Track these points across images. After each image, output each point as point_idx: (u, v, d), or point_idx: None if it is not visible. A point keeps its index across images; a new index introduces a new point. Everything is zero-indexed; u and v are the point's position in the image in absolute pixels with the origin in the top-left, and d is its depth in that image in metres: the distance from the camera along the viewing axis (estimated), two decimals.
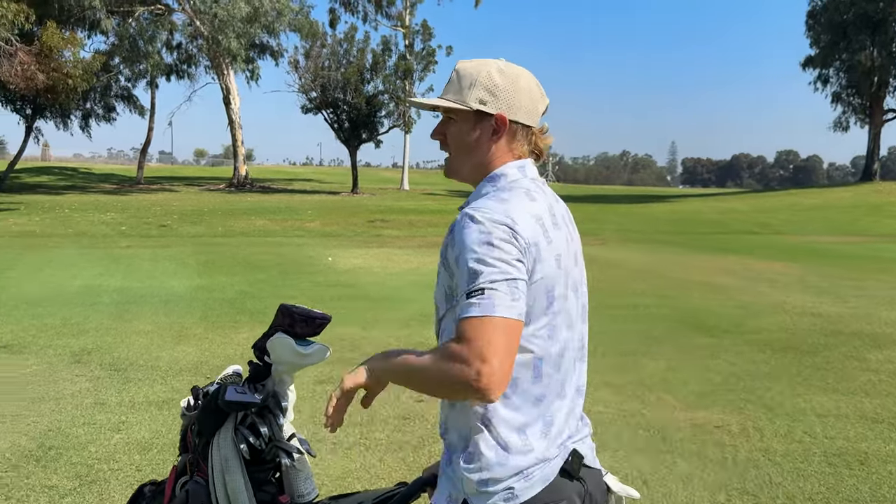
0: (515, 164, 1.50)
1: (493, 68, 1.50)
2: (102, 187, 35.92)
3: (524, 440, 1.41)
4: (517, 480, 1.40)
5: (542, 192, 1.49)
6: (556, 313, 1.43)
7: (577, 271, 1.53)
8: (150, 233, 17.03)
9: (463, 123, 1.50)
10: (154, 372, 5.72)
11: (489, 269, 1.31)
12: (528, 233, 1.37)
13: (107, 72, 32.48)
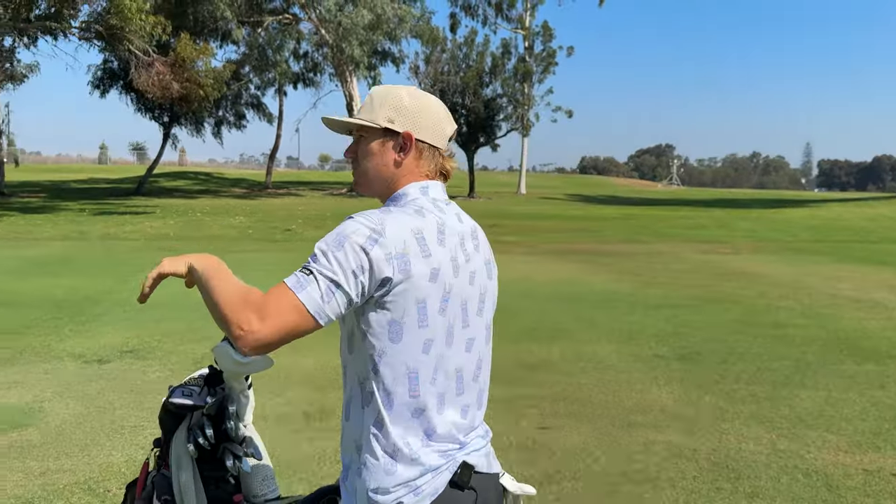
0: (419, 185, 1.58)
1: (403, 92, 1.62)
2: (233, 191, 37.57)
3: (409, 450, 1.47)
4: (406, 494, 1.46)
5: (439, 211, 1.55)
6: (432, 328, 1.48)
7: (474, 290, 1.57)
8: (275, 237, 17.46)
9: (373, 141, 1.59)
10: (272, 382, 5.61)
11: (327, 260, 1.40)
12: (394, 242, 1.43)
13: (237, 80, 33.91)
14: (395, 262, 1.42)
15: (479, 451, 1.59)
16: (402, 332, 1.45)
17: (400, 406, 1.47)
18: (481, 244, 1.63)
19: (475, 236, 1.62)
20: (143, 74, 21.55)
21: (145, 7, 21.05)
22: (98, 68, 34.24)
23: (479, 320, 1.59)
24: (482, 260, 1.62)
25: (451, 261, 1.52)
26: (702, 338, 7.33)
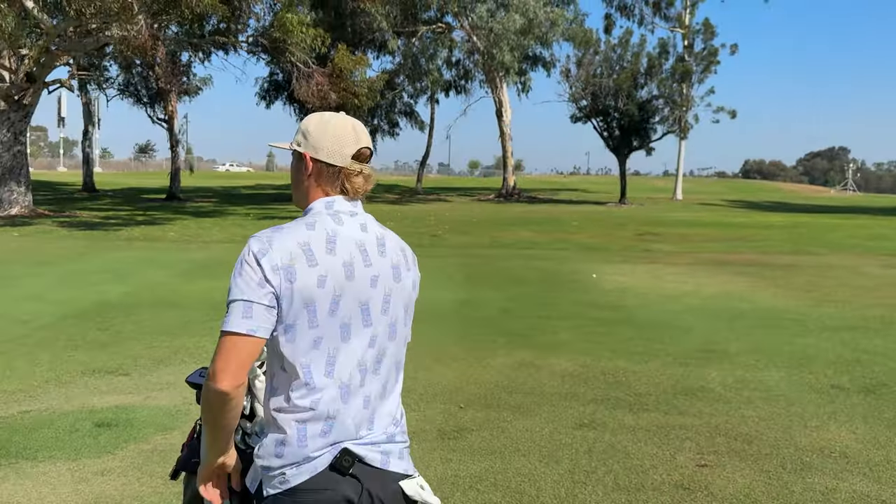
0: (324, 201, 1.76)
1: (314, 119, 1.80)
2: (387, 197, 38.60)
3: (301, 436, 1.65)
4: (289, 468, 1.65)
5: (336, 223, 1.72)
6: (323, 327, 1.66)
7: (377, 292, 1.73)
8: (423, 242, 17.59)
9: (293, 161, 1.82)
10: (409, 395, 5.45)
11: (234, 288, 1.63)
12: (281, 255, 1.63)
13: (391, 89, 34.80)
14: (282, 273, 1.63)
15: (375, 447, 1.73)
16: (297, 333, 1.65)
17: (298, 397, 1.66)
18: (388, 250, 1.79)
19: (382, 244, 1.78)
20: (303, 85, 22.52)
21: (306, 20, 21.99)
22: (264, 80, 36.38)
23: (383, 318, 1.76)
24: (388, 264, 1.78)
25: (344, 266, 1.70)
26: (890, 367, 6.43)
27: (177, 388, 5.63)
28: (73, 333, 7.35)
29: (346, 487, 1.67)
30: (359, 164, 1.78)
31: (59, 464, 4.15)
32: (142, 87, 35.14)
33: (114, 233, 18.63)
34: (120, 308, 8.72)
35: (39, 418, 4.87)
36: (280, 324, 1.64)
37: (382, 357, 1.77)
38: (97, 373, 6.01)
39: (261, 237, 1.67)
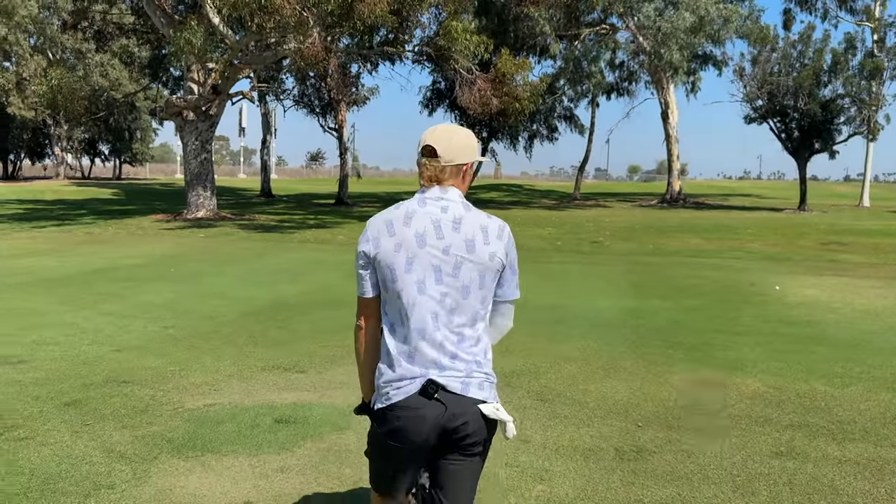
0: (421, 189, 2.35)
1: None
2: (543, 203, 38.25)
3: (398, 364, 2.26)
4: (391, 389, 2.25)
5: (420, 205, 2.30)
6: (401, 282, 2.23)
7: (449, 259, 2.24)
8: (583, 249, 17.16)
9: None
10: (581, 409, 5.19)
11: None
12: (372, 231, 2.32)
13: (552, 93, 34.42)
14: (371, 243, 2.29)
15: (455, 378, 2.22)
16: (386, 286, 2.27)
17: (395, 335, 2.27)
18: (464, 228, 2.26)
19: (458, 222, 2.26)
20: (465, 92, 22.72)
21: (470, 27, 22.17)
22: (427, 89, 37.21)
23: (453, 280, 2.23)
24: (462, 239, 2.25)
25: (416, 236, 2.23)
26: None
27: (349, 387, 5.69)
28: (253, 331, 7.70)
29: (431, 409, 2.21)
30: (424, 159, 2.33)
31: (241, 458, 4.26)
32: (314, 98, 37.03)
33: (288, 235, 19.65)
34: (296, 307, 9.07)
35: (223, 412, 5.07)
36: (380, 279, 2.29)
37: (455, 310, 2.26)
38: (276, 369, 6.22)
39: (368, 222, 2.37)
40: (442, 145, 2.32)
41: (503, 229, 2.37)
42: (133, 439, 4.51)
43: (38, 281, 10.95)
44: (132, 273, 12.02)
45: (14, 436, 4.48)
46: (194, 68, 23.41)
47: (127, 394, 5.43)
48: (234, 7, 17.57)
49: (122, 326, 7.80)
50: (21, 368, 6.02)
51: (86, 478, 3.92)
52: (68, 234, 19.56)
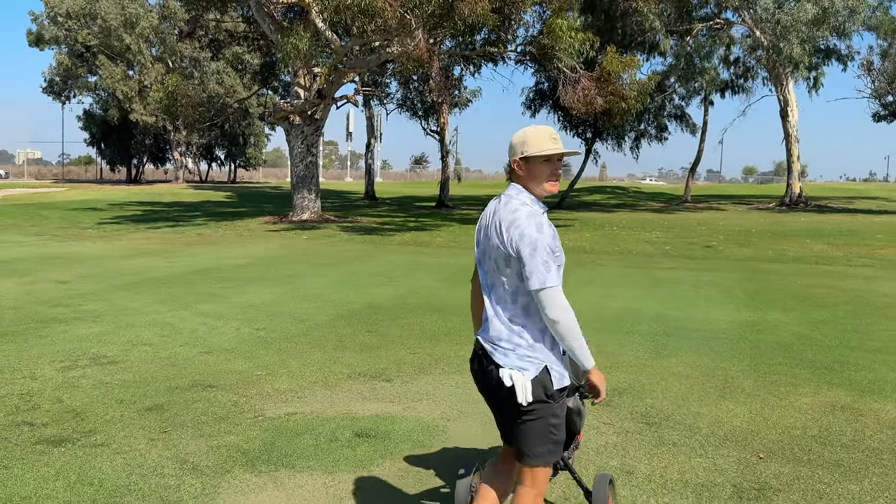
0: None
1: None
2: (650, 206, 36.91)
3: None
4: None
5: (495, 203, 2.74)
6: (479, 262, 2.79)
7: (484, 247, 2.73)
8: (695, 254, 16.20)
9: None
10: (693, 436, 4.62)
11: None
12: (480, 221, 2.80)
13: (661, 92, 33.11)
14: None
15: (487, 342, 2.72)
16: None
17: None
18: (493, 219, 2.69)
19: (494, 213, 2.71)
20: (569, 91, 22.04)
21: (575, 25, 21.50)
22: (530, 90, 36.62)
23: (488, 263, 2.70)
24: (491, 228, 2.68)
25: (477, 227, 2.81)
26: None
27: (435, 399, 5.34)
28: (343, 334, 7.48)
29: (475, 362, 2.78)
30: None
31: (316, 476, 3.97)
32: (417, 101, 37.17)
33: (388, 237, 19.62)
34: (388, 311, 8.83)
35: (303, 422, 4.82)
36: None
37: (491, 289, 2.71)
38: (362, 377, 5.95)
39: None
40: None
41: (512, 223, 2.60)
42: (208, 449, 4.31)
43: (144, 281, 11.22)
44: (234, 273, 12.16)
45: (91, 441, 4.37)
46: (301, 73, 23.83)
47: (210, 399, 5.28)
48: (336, 11, 17.68)
49: (216, 328, 7.77)
50: (111, 370, 6.00)
51: (154, 491, 3.72)
52: (180, 235, 20.26)
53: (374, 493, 3.79)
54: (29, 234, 20.28)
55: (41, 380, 5.63)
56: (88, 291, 10.04)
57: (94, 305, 8.96)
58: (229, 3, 24.89)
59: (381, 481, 3.92)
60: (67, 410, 4.92)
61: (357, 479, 3.94)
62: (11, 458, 4.06)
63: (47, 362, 6.16)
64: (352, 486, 3.86)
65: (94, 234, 20.39)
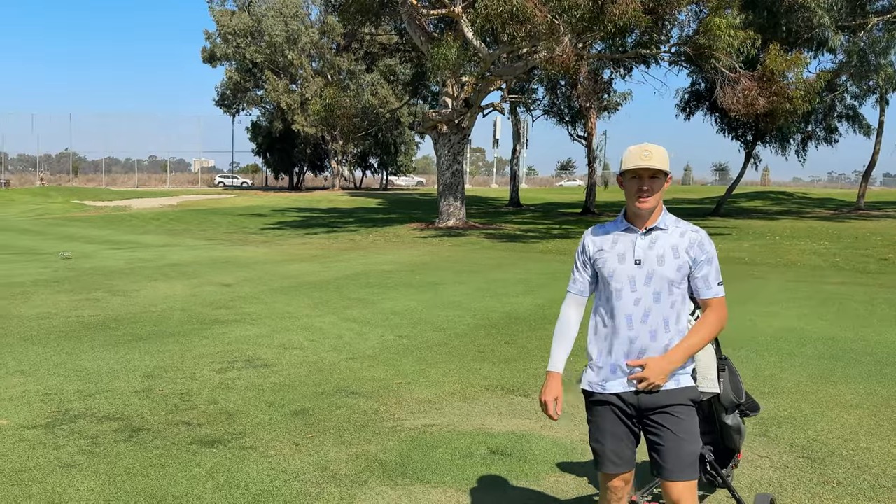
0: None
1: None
2: (818, 213, 34.33)
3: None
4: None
5: None
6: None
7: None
8: (868, 267, 14.83)
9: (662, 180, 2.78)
10: (861, 475, 4.17)
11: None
12: None
13: (831, 91, 30.75)
14: None
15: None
16: None
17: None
18: None
19: None
20: (727, 92, 20.91)
21: (735, 23, 20.38)
22: (685, 91, 35.15)
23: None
24: None
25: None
26: None
27: (574, 419, 5.16)
28: (483, 345, 7.45)
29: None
30: None
31: (450, 493, 3.93)
32: (564, 107, 36.73)
33: (530, 245, 19.47)
34: (527, 321, 8.71)
35: (440, 435, 4.81)
36: None
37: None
38: (499, 390, 5.88)
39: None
40: None
41: None
42: (348, 458, 4.39)
43: (300, 285, 11.76)
44: (381, 279, 12.49)
45: (240, 444, 4.58)
46: (449, 83, 24.20)
47: (352, 406, 5.40)
48: (488, 19, 17.77)
49: (362, 333, 7.98)
50: (263, 372, 6.29)
51: (295, 498, 3.82)
52: (334, 241, 21.14)
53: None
54: (200, 238, 21.91)
55: (200, 380, 5.99)
56: (248, 294, 10.64)
57: (252, 308, 9.48)
58: (383, 17, 25.71)
59: (518, 503, 3.82)
60: (221, 412, 5.20)
61: (493, 500, 3.86)
62: (168, 456, 4.33)
63: (207, 363, 6.56)
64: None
65: (258, 239, 21.70)
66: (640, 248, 2.77)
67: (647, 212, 2.76)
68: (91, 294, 10.42)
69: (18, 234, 22.25)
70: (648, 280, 2.74)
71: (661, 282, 2.74)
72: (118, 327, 8.07)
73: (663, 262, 2.74)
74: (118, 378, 5.99)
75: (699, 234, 2.79)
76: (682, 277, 2.76)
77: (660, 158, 2.72)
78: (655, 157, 2.71)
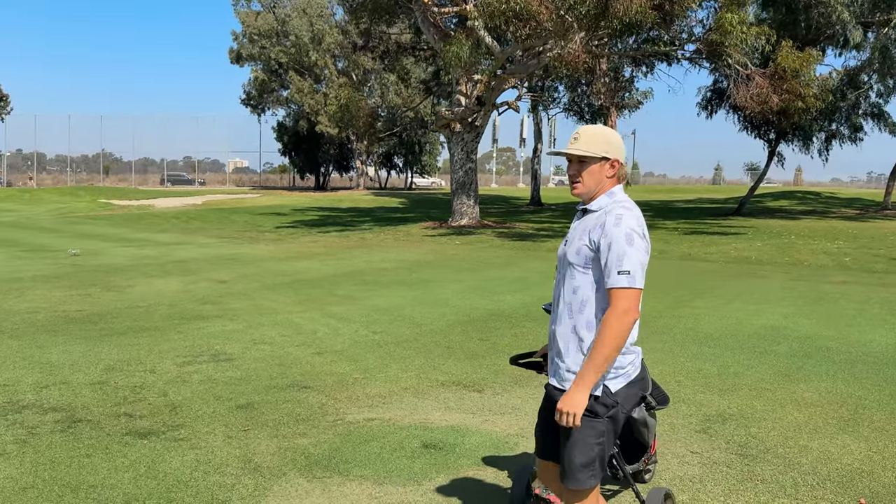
0: (619, 188, 2.70)
1: (609, 131, 2.72)
2: (843, 213, 33.65)
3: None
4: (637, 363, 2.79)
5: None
6: None
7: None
8: (875, 267, 14.49)
9: (597, 165, 2.67)
10: (788, 472, 4.09)
11: (635, 256, 2.55)
12: (644, 227, 2.70)
13: (855, 89, 30.12)
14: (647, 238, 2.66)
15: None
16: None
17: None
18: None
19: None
20: (741, 90, 20.58)
21: (747, 19, 20.07)
22: (707, 89, 34.69)
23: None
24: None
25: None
26: None
27: (520, 413, 5.16)
28: (453, 341, 7.45)
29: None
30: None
31: (365, 485, 3.94)
32: (584, 105, 36.47)
33: (540, 244, 19.38)
34: (508, 318, 8.68)
35: (377, 429, 4.82)
36: None
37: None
38: (455, 385, 5.87)
39: (633, 215, 2.59)
40: None
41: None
42: (276, 451, 4.42)
43: (293, 282, 11.84)
44: (376, 277, 12.53)
45: (174, 436, 4.63)
46: (462, 81, 24.18)
47: (300, 400, 5.43)
48: (491, 17, 17.72)
49: (336, 329, 8.02)
50: (223, 367, 6.36)
51: (208, 489, 3.86)
52: (344, 239, 21.25)
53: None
54: (212, 236, 22.18)
55: (158, 373, 6.07)
56: (239, 291, 10.76)
57: (238, 304, 9.58)
58: (397, 15, 25.78)
59: (427, 497, 3.82)
60: (167, 404, 5.26)
61: (404, 493, 3.86)
62: (98, 447, 4.40)
63: (171, 357, 6.64)
64: (397, 499, 3.79)
65: (269, 238, 21.90)
66: (571, 229, 2.76)
67: (583, 197, 2.68)
68: (85, 290, 10.61)
69: (36, 232, 22.74)
70: (561, 262, 2.74)
71: (564, 264, 2.70)
72: (98, 322, 8.21)
73: (571, 244, 2.67)
74: (79, 371, 6.09)
75: (609, 216, 2.57)
76: (584, 261, 2.60)
77: (588, 142, 2.62)
78: (582, 141, 2.63)
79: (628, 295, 2.48)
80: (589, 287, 2.60)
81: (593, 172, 2.63)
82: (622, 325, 2.47)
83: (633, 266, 2.48)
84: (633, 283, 2.48)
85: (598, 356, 2.48)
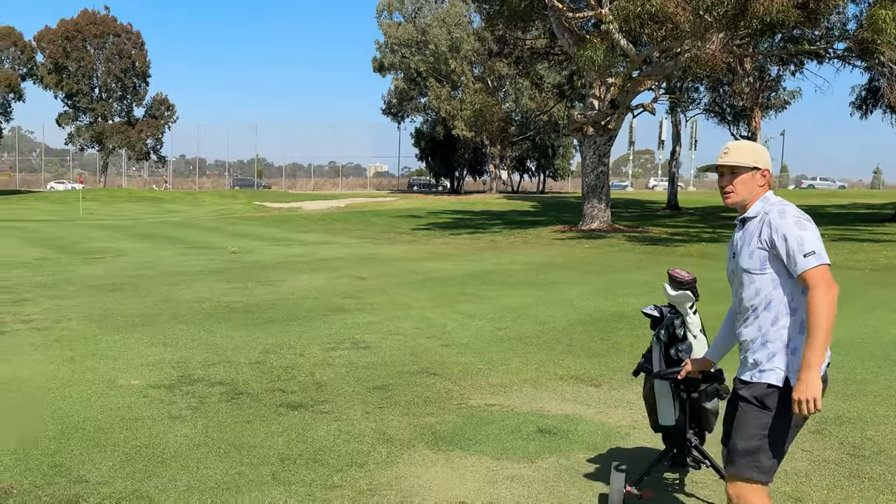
0: (771, 192, 2.94)
1: (757, 145, 3.00)
2: None
3: None
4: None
5: None
6: None
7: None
8: None
9: (749, 174, 2.92)
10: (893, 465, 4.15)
11: (814, 237, 2.74)
12: None
13: None
14: None
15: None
16: None
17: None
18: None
19: None
20: (894, 89, 19.39)
21: None
22: (862, 88, 32.64)
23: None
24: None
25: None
26: None
27: (633, 407, 5.42)
28: (575, 339, 7.75)
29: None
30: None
31: (484, 460, 4.38)
32: (726, 106, 35.28)
33: (672, 248, 19.11)
34: (630, 320, 8.85)
35: (497, 413, 5.25)
36: None
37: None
38: (572, 379, 6.20)
39: (793, 206, 2.81)
40: None
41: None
42: (407, 426, 4.95)
43: (426, 280, 12.50)
44: (504, 278, 12.97)
45: (320, 409, 5.27)
46: (596, 84, 24.21)
47: (429, 385, 5.96)
48: (626, 20, 17.73)
49: (464, 324, 8.52)
50: (363, 353, 7.01)
51: (348, 454, 4.43)
52: (475, 241, 21.85)
53: (527, 481, 4.09)
54: (354, 237, 23.44)
55: (306, 356, 6.80)
56: (377, 287, 11.52)
57: (376, 299, 10.31)
58: (531, 21, 26.14)
59: (541, 473, 4.20)
60: (314, 383, 5.94)
61: (519, 468, 4.26)
62: (256, 415, 5.11)
63: (317, 343, 7.38)
64: (511, 472, 4.20)
65: (406, 239, 22.87)
66: (732, 242, 2.99)
67: (737, 206, 2.91)
68: (243, 283, 11.74)
69: (200, 231, 24.91)
70: (734, 275, 2.96)
71: (738, 274, 2.89)
72: (255, 311, 9.16)
73: (741, 253, 2.87)
74: (240, 352, 6.93)
75: (771, 214, 2.79)
76: (760, 263, 2.78)
77: (738, 154, 2.87)
78: (732, 154, 2.88)
79: (822, 272, 2.63)
80: (770, 286, 2.77)
81: (745, 182, 2.85)
82: (829, 301, 2.60)
83: (815, 245, 2.65)
84: (822, 259, 2.63)
85: (819, 336, 2.60)
